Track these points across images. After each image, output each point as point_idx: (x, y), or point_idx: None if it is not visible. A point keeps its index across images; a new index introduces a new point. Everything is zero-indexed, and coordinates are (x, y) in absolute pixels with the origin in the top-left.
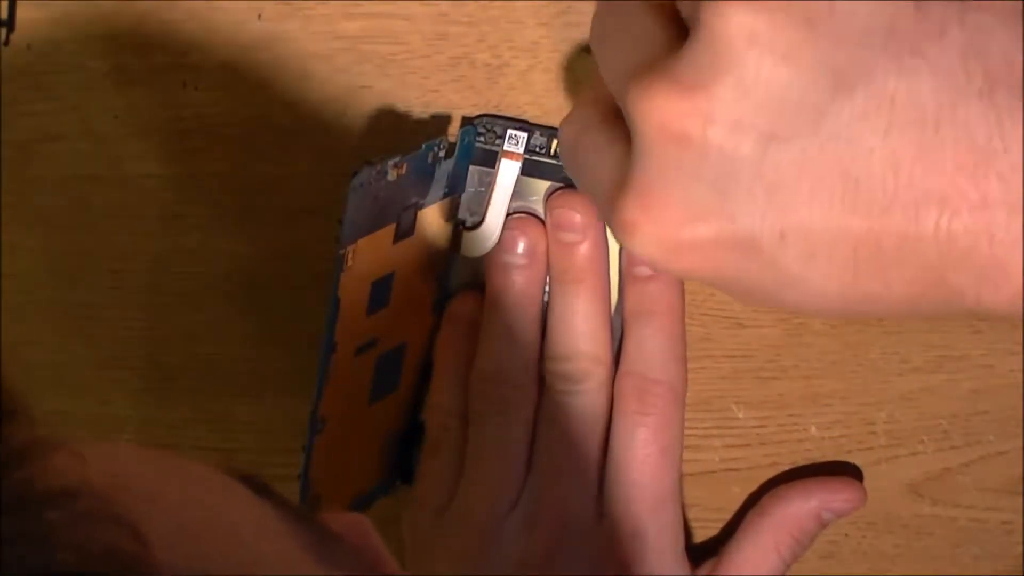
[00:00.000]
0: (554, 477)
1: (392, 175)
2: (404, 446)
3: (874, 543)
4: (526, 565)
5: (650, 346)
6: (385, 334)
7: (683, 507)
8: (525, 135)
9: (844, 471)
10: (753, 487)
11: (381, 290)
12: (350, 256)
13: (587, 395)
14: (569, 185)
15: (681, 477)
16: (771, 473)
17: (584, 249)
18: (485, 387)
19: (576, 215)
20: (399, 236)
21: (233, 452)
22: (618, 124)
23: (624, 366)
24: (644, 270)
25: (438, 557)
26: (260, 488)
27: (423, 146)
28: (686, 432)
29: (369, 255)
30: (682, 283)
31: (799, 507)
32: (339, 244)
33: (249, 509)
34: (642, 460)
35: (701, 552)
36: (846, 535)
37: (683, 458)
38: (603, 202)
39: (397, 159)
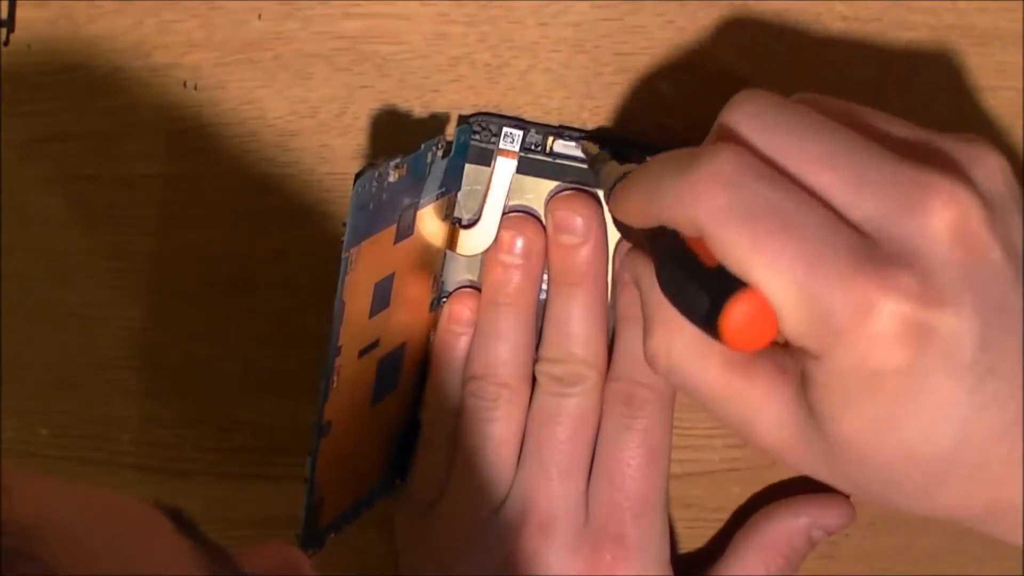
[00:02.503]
0: (542, 478)
1: (393, 176)
2: (403, 444)
3: (874, 543)
4: (511, 564)
5: (640, 351)
6: (386, 335)
7: (671, 516)
8: (521, 133)
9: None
10: (753, 487)
11: (383, 291)
12: (354, 258)
13: (578, 398)
14: (570, 186)
15: (668, 485)
16: (771, 473)
17: (585, 252)
18: (477, 385)
19: (578, 218)
20: (399, 236)
21: (233, 452)
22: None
23: (614, 370)
24: None
25: (426, 554)
26: (184, 525)
27: (422, 146)
28: (686, 432)
29: (372, 257)
30: None
31: (788, 525)
32: (344, 247)
33: (168, 552)
34: (627, 463)
35: (697, 556)
36: (846, 535)
37: (683, 458)
38: (844, 267)
39: (398, 160)
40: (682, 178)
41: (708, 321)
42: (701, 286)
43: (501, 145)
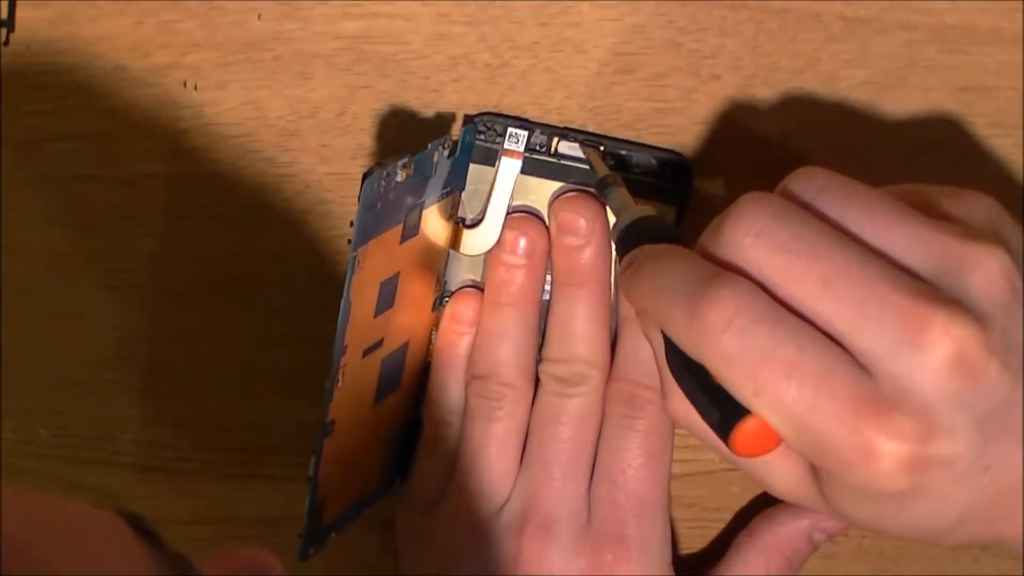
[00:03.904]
0: (544, 478)
1: (401, 176)
2: (403, 444)
3: (874, 543)
4: (514, 565)
5: (642, 353)
6: (390, 334)
7: (671, 517)
8: (525, 133)
9: None
10: (753, 487)
11: (388, 291)
12: (361, 258)
13: (581, 398)
14: (574, 187)
15: (670, 486)
16: None
17: (588, 254)
18: (481, 385)
19: (582, 219)
20: (405, 236)
21: (233, 452)
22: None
23: (616, 371)
24: None
25: (427, 554)
26: (144, 531)
27: (428, 145)
28: (686, 432)
29: (378, 256)
30: None
31: (790, 527)
32: (351, 246)
33: (123, 559)
34: (629, 463)
35: (697, 556)
36: (846, 535)
37: (683, 458)
38: (844, 412)
39: (406, 159)
40: (687, 315)
41: (717, 431)
42: (711, 401)
43: (506, 145)
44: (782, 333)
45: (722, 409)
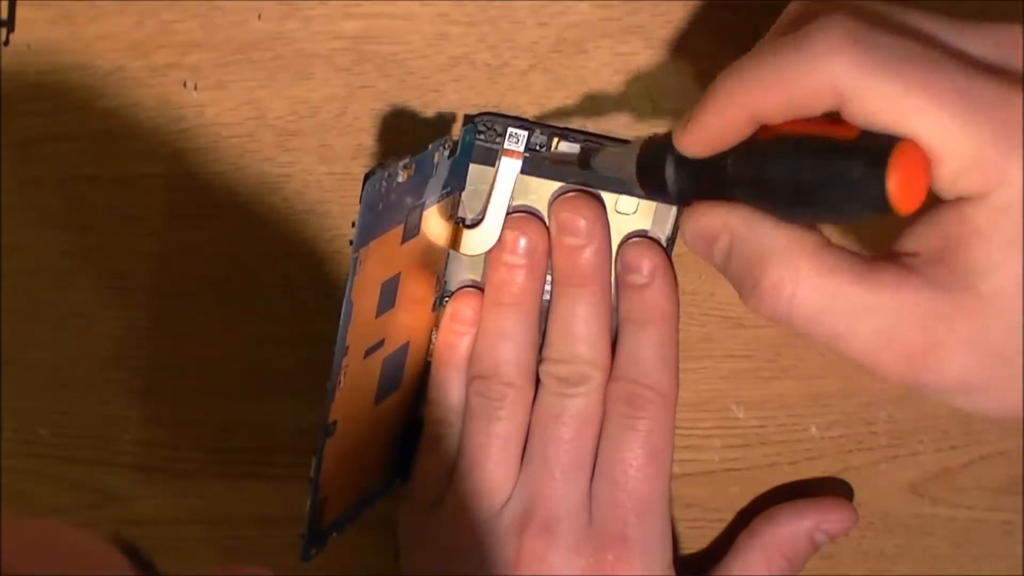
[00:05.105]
0: (546, 478)
1: (402, 176)
2: (404, 444)
3: (874, 543)
4: (515, 564)
5: (643, 352)
6: (391, 335)
7: (673, 518)
8: (525, 133)
9: (834, 488)
10: (753, 487)
11: (389, 291)
12: (363, 259)
13: (582, 398)
14: (574, 187)
15: (671, 486)
16: (771, 473)
17: (588, 254)
18: (483, 384)
19: (582, 220)
20: (406, 236)
21: (233, 452)
22: None
23: (616, 371)
24: (639, 278)
25: (428, 554)
26: (141, 561)
27: (429, 146)
28: (686, 432)
29: (379, 257)
30: (677, 290)
31: (792, 527)
32: (353, 247)
33: None
34: (630, 463)
35: (698, 556)
36: (847, 535)
37: (683, 458)
38: (997, 90)
39: (407, 160)
40: (807, 48)
41: (867, 190)
42: (848, 158)
43: (506, 145)
44: (910, 37)
45: (864, 157)
